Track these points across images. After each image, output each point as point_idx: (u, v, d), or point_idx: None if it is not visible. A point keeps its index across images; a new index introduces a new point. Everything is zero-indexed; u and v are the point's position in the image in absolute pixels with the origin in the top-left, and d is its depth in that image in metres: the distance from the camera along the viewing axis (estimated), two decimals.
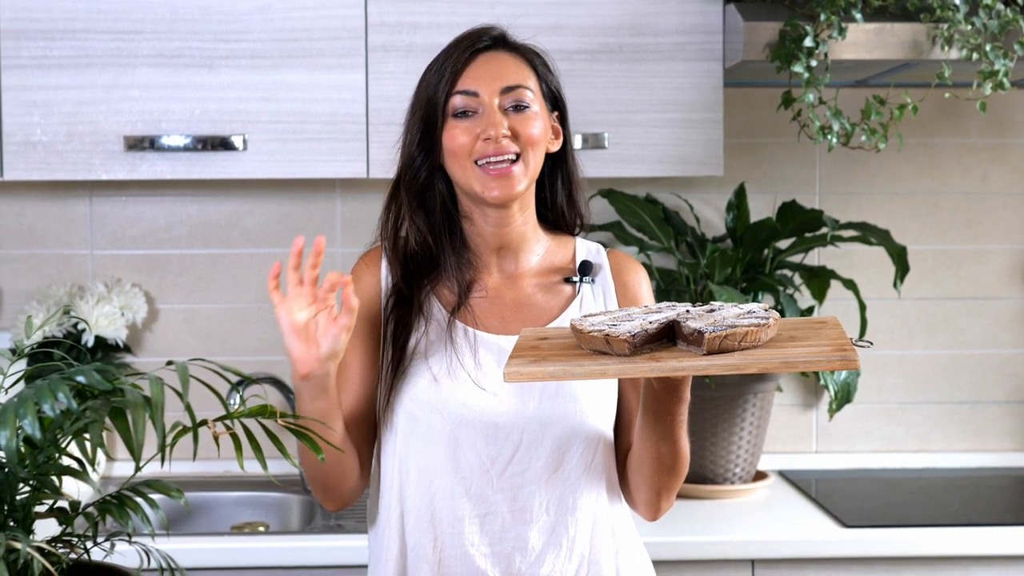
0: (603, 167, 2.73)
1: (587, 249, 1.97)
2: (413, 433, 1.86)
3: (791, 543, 2.54)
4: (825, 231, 2.90)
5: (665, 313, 1.63)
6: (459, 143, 1.84)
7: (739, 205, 3.01)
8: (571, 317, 1.79)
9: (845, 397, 2.87)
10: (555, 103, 1.93)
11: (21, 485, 1.27)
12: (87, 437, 1.20)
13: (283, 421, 1.33)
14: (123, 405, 1.20)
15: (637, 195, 3.00)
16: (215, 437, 1.28)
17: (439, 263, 1.90)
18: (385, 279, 1.92)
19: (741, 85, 3.07)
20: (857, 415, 3.16)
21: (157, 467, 1.44)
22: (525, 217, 1.90)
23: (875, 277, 3.12)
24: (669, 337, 1.60)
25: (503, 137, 1.82)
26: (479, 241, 1.91)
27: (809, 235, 2.92)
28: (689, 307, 1.65)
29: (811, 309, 2.97)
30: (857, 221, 2.96)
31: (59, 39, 2.65)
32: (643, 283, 1.96)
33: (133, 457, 1.15)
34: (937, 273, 3.16)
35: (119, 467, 3.02)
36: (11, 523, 1.26)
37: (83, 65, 2.66)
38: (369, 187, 2.96)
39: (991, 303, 3.17)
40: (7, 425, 1.15)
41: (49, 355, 2.66)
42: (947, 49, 2.61)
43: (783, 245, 2.99)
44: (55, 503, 1.31)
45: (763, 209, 3.09)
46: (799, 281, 3.04)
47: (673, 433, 1.78)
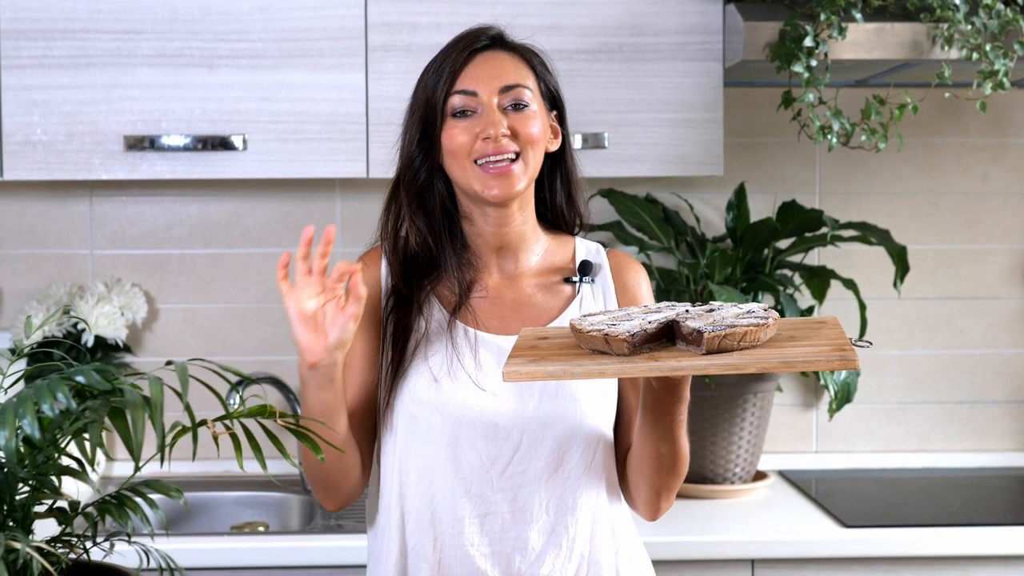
0: (603, 167, 2.73)
1: (587, 249, 1.97)
2: (413, 433, 1.85)
3: (791, 543, 2.54)
4: (825, 231, 2.90)
5: (664, 313, 1.63)
6: (458, 143, 1.84)
7: (739, 205, 3.01)
8: (571, 317, 1.79)
9: (845, 397, 2.87)
10: (553, 102, 1.93)
11: (20, 485, 1.27)
12: (86, 437, 1.20)
13: (282, 421, 1.33)
14: (122, 405, 1.20)
15: (637, 195, 3.00)
16: (214, 437, 1.28)
17: (439, 263, 1.90)
18: (385, 279, 1.92)
19: (741, 85, 3.07)
20: (857, 415, 3.16)
21: (157, 467, 1.44)
22: (524, 217, 1.90)
23: (875, 277, 3.12)
24: (668, 337, 1.60)
25: (502, 136, 1.82)
26: (479, 241, 1.91)
27: (809, 235, 2.92)
28: (688, 307, 1.65)
29: (811, 309, 2.97)
30: (857, 221, 2.96)
31: (59, 39, 2.65)
32: (643, 283, 1.96)
33: (132, 457, 1.15)
34: (937, 273, 3.16)
35: (119, 467, 3.02)
36: (10, 523, 1.26)
37: (83, 65, 2.66)
38: (369, 187, 2.96)
39: (991, 303, 3.17)
40: (6, 425, 1.15)
41: (49, 355, 2.65)
42: (947, 49, 2.61)
43: (783, 245, 2.99)
44: (54, 503, 1.31)
45: (763, 209, 3.09)
46: (799, 281, 3.04)
47: (673, 433, 1.78)
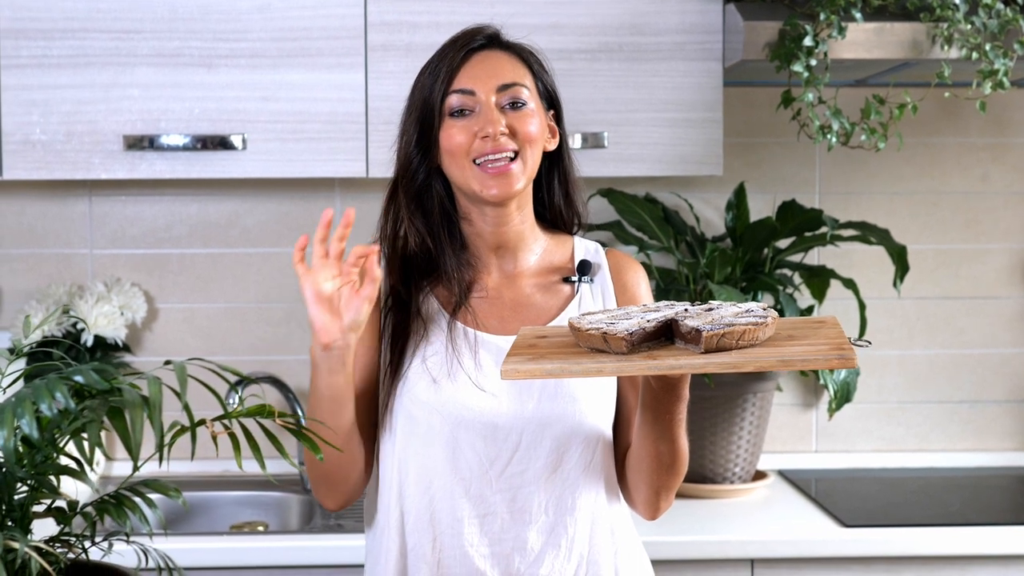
0: (603, 166, 2.73)
1: (586, 248, 1.97)
2: (413, 434, 1.85)
3: (790, 543, 2.54)
4: (825, 230, 2.90)
5: (663, 312, 1.63)
6: (456, 142, 1.84)
7: (739, 204, 3.01)
8: (570, 316, 1.79)
9: (845, 397, 2.87)
10: (551, 102, 1.93)
11: (19, 485, 1.27)
12: (85, 437, 1.20)
13: (281, 421, 1.32)
14: (121, 405, 1.20)
15: (637, 194, 3.00)
16: (213, 437, 1.28)
17: (438, 264, 1.90)
18: (384, 280, 1.91)
19: (741, 84, 3.07)
20: (857, 415, 3.15)
21: (156, 467, 1.43)
22: (523, 216, 1.90)
23: (875, 277, 3.12)
24: (667, 336, 1.60)
25: (501, 135, 1.82)
26: (478, 242, 1.91)
27: (809, 234, 2.92)
28: (687, 306, 1.65)
29: (811, 309, 2.97)
30: (857, 220, 2.96)
31: (58, 38, 2.65)
32: (642, 282, 1.96)
33: (131, 457, 1.15)
34: (937, 273, 3.16)
35: (118, 467, 3.02)
36: (9, 523, 1.26)
37: (82, 64, 2.65)
38: (368, 186, 2.96)
39: (991, 303, 3.17)
40: (5, 425, 1.15)
41: (48, 354, 2.65)
42: (947, 48, 2.61)
43: (783, 244, 2.99)
44: (53, 503, 1.31)
45: (763, 208, 3.09)
46: (799, 281, 3.04)
47: (672, 432, 1.78)
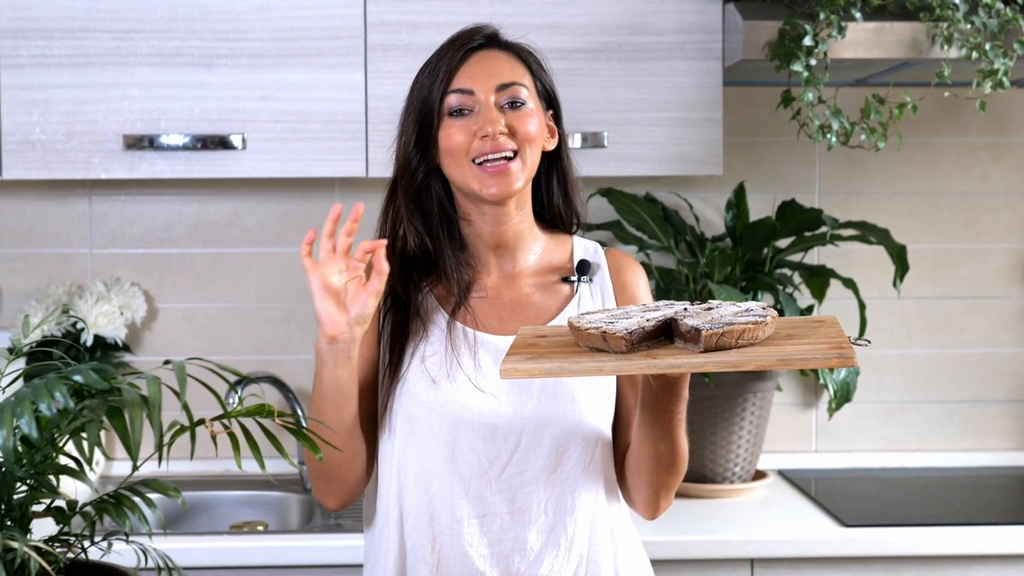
0: (602, 166, 2.73)
1: (585, 248, 1.97)
2: (412, 434, 1.85)
3: (790, 542, 2.53)
4: (824, 230, 2.90)
5: (662, 311, 1.63)
6: (456, 142, 1.84)
7: (738, 204, 3.01)
8: (569, 316, 1.79)
9: (845, 396, 2.87)
10: (550, 102, 1.93)
11: (18, 484, 1.27)
12: (84, 436, 1.20)
13: (281, 420, 1.32)
14: (120, 404, 1.20)
15: (636, 194, 3.00)
16: (212, 437, 1.28)
17: (437, 264, 1.90)
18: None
19: (740, 84, 3.07)
20: (857, 414, 3.15)
21: (156, 467, 1.43)
22: (522, 215, 1.90)
23: (875, 276, 3.12)
24: (667, 335, 1.60)
25: (500, 134, 1.82)
26: (477, 242, 1.91)
27: (808, 234, 2.91)
28: (687, 305, 1.65)
29: (811, 308, 2.97)
30: (856, 220, 2.96)
31: (58, 38, 2.65)
32: (641, 282, 1.96)
33: (130, 456, 1.15)
34: (937, 272, 3.16)
35: (118, 466, 3.02)
36: (8, 522, 1.26)
37: (82, 64, 2.65)
38: (368, 186, 2.96)
39: (991, 302, 3.17)
40: (4, 424, 1.15)
41: (48, 354, 2.65)
42: (947, 48, 2.61)
43: (782, 244, 2.99)
44: (52, 502, 1.31)
45: (762, 208, 3.09)
46: (799, 280, 3.04)
47: (671, 432, 1.78)
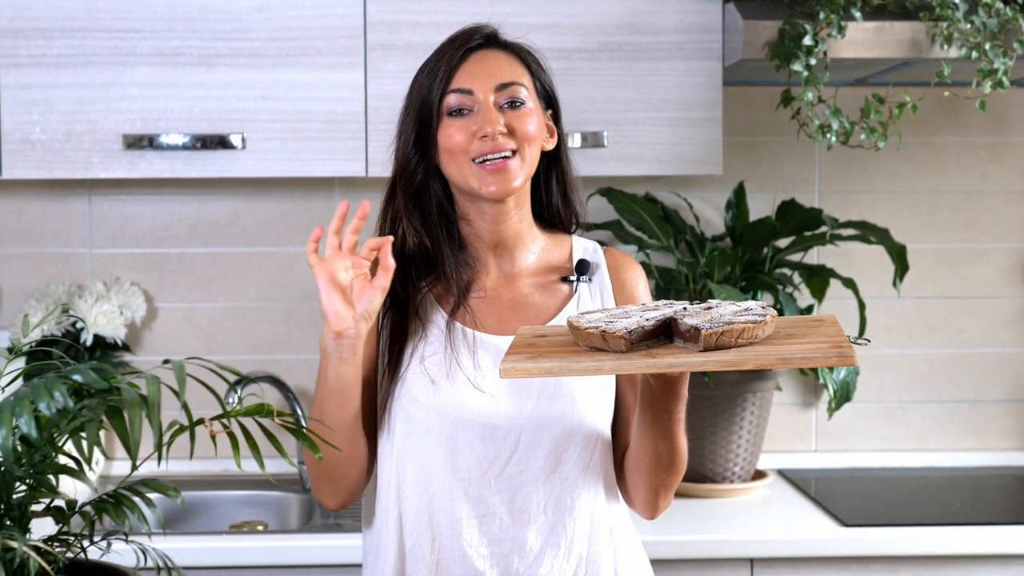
0: (602, 166, 2.73)
1: (584, 247, 1.97)
2: (411, 434, 1.85)
3: (790, 542, 2.53)
4: (824, 230, 2.89)
5: (662, 310, 1.63)
6: (455, 141, 1.84)
7: (738, 204, 3.01)
8: (568, 315, 1.79)
9: (844, 396, 2.86)
10: (549, 101, 1.93)
11: (18, 484, 1.26)
12: (84, 436, 1.20)
13: (280, 420, 1.32)
14: (120, 404, 1.20)
15: (636, 194, 3.00)
16: (212, 436, 1.28)
17: (436, 264, 1.90)
18: None
19: (740, 84, 3.07)
20: (856, 414, 3.15)
21: (156, 466, 1.43)
22: (521, 215, 1.90)
23: (874, 276, 3.11)
24: (666, 335, 1.60)
25: (499, 134, 1.82)
26: (476, 242, 1.91)
27: (808, 234, 2.91)
28: (686, 304, 1.65)
29: (810, 308, 2.97)
30: (856, 220, 2.96)
31: (58, 38, 2.65)
32: (640, 281, 1.96)
33: (130, 456, 1.15)
34: (936, 272, 3.16)
35: (117, 466, 3.02)
36: (8, 522, 1.26)
37: (82, 64, 2.65)
38: (368, 186, 2.95)
39: (990, 302, 3.17)
40: (4, 424, 1.15)
41: (48, 354, 2.65)
42: (946, 48, 2.61)
43: (782, 244, 2.99)
44: (52, 502, 1.31)
45: (762, 208, 3.09)
46: (798, 280, 3.04)
47: (671, 431, 1.78)
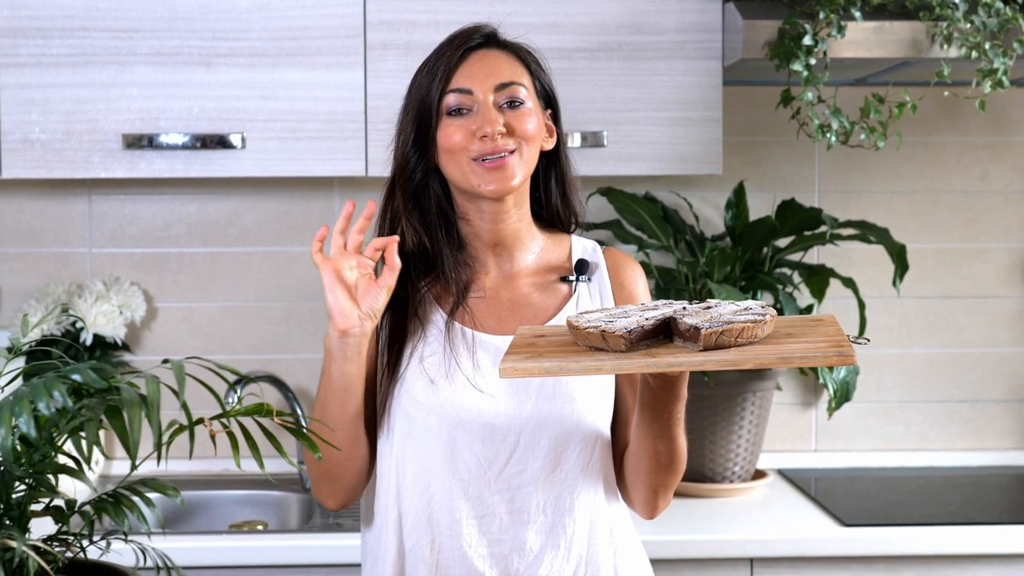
0: (602, 165, 2.73)
1: (583, 247, 1.97)
2: (410, 435, 1.85)
3: (790, 542, 2.53)
4: (824, 229, 2.89)
5: (661, 310, 1.63)
6: (455, 141, 1.84)
7: (738, 203, 3.01)
8: (568, 315, 1.78)
9: (844, 396, 2.86)
10: (548, 101, 1.93)
11: (17, 483, 1.26)
12: (83, 435, 1.20)
13: (280, 420, 1.32)
14: (119, 404, 1.20)
15: (636, 193, 3.00)
16: (211, 436, 1.28)
17: (435, 264, 1.90)
18: None
19: (740, 83, 3.07)
20: (856, 414, 3.15)
21: (156, 466, 1.43)
22: (520, 214, 1.90)
23: (874, 276, 3.11)
24: (666, 334, 1.60)
25: (499, 135, 1.82)
26: (475, 241, 1.91)
27: (808, 233, 2.91)
28: (686, 304, 1.65)
29: (810, 308, 2.97)
30: (856, 219, 2.96)
31: (57, 37, 2.65)
32: (639, 281, 1.96)
33: (129, 455, 1.15)
34: (936, 272, 3.16)
35: (117, 466, 3.02)
36: (7, 521, 1.26)
37: (81, 63, 2.65)
38: (368, 185, 2.96)
39: (990, 302, 3.17)
40: (3, 423, 1.15)
41: (48, 353, 2.65)
42: (946, 47, 2.61)
43: (782, 243, 2.99)
44: (51, 502, 1.31)
45: (762, 207, 3.08)
46: (798, 279, 3.04)
47: (670, 431, 1.78)
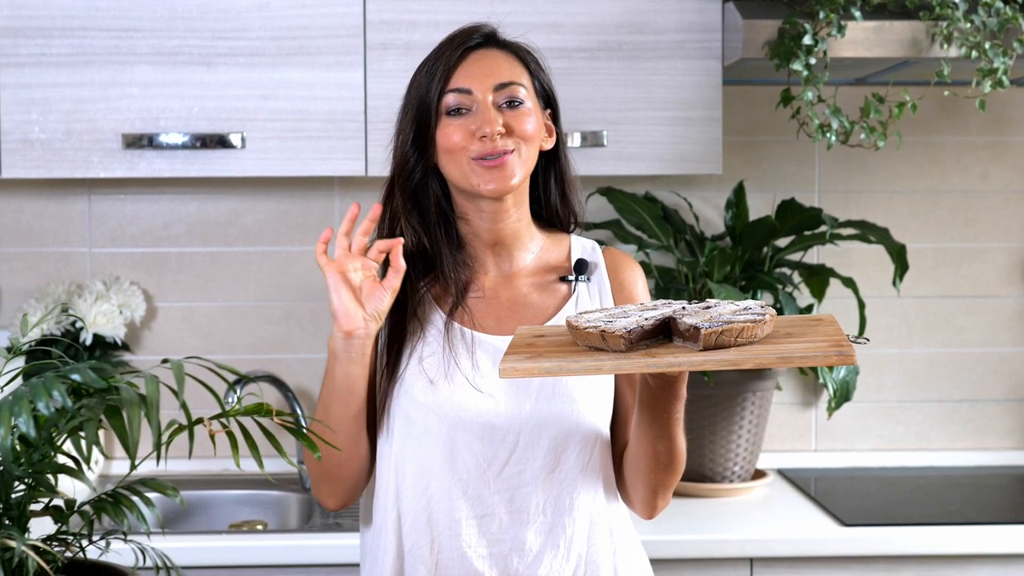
0: (602, 165, 2.72)
1: (582, 247, 1.97)
2: (409, 435, 1.85)
3: (790, 541, 2.53)
4: (824, 229, 2.89)
5: (661, 310, 1.63)
6: (454, 141, 1.83)
7: (738, 203, 3.01)
8: (567, 315, 1.78)
9: (844, 395, 2.86)
10: (548, 101, 1.92)
11: (16, 483, 1.26)
12: (83, 435, 1.20)
13: (279, 420, 1.32)
14: (119, 403, 1.20)
15: (636, 193, 3.00)
16: (211, 435, 1.28)
17: (434, 264, 1.89)
18: None
19: (740, 83, 3.07)
20: (856, 413, 3.15)
21: (155, 466, 1.42)
22: (520, 214, 1.90)
23: (874, 275, 3.11)
24: (665, 334, 1.60)
25: (498, 135, 1.82)
26: (475, 241, 1.90)
27: (808, 233, 2.91)
28: (685, 304, 1.65)
29: (810, 307, 2.96)
30: (856, 219, 2.96)
31: (57, 37, 2.65)
32: (639, 281, 1.96)
33: (128, 455, 1.15)
34: (936, 271, 3.16)
35: (116, 465, 3.02)
36: (6, 521, 1.26)
37: (81, 63, 2.65)
38: (367, 185, 2.95)
39: (990, 301, 3.17)
40: (2, 423, 1.15)
41: (47, 353, 2.65)
42: (946, 47, 2.61)
43: (782, 243, 2.99)
44: (50, 501, 1.31)
45: (762, 207, 3.08)
46: (798, 279, 3.04)
47: (669, 431, 1.78)
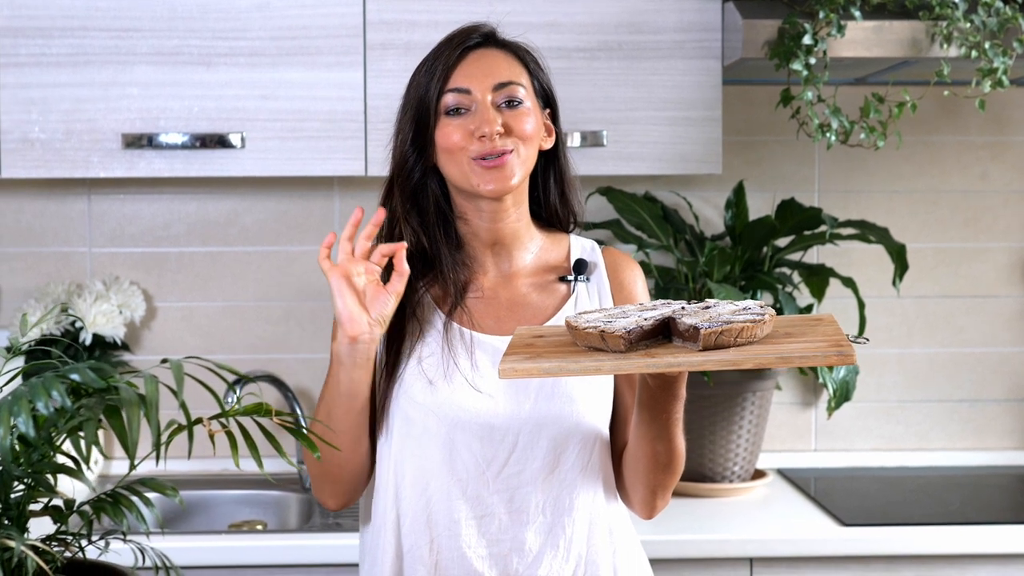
0: (602, 165, 2.72)
1: (582, 247, 1.97)
2: (409, 435, 1.85)
3: (789, 541, 2.53)
4: (824, 229, 2.89)
5: (660, 310, 1.63)
6: (453, 140, 1.83)
7: (738, 203, 3.01)
8: (566, 315, 1.78)
9: (844, 395, 2.86)
10: (547, 101, 1.92)
11: (16, 483, 1.26)
12: (82, 435, 1.20)
13: (279, 420, 1.32)
14: (118, 403, 1.20)
15: (636, 193, 3.00)
16: (210, 435, 1.28)
17: (433, 264, 1.89)
18: None
19: (740, 83, 3.07)
20: (856, 413, 3.15)
21: (155, 466, 1.42)
22: (519, 213, 1.90)
23: (874, 275, 3.11)
24: (665, 334, 1.60)
25: (497, 135, 1.82)
26: (474, 241, 1.90)
27: (808, 233, 2.91)
28: (684, 304, 1.65)
29: (810, 307, 2.96)
30: (856, 219, 2.96)
31: (57, 37, 2.65)
32: (638, 281, 1.96)
33: (128, 455, 1.15)
34: (936, 271, 3.16)
35: (116, 465, 3.02)
36: (6, 521, 1.26)
37: (81, 63, 2.65)
38: (367, 185, 2.95)
39: (990, 301, 3.17)
40: (2, 423, 1.15)
41: (47, 353, 2.65)
42: (946, 47, 2.61)
43: (782, 243, 2.99)
44: (50, 501, 1.31)
45: (762, 207, 3.08)
46: (798, 279, 3.04)
47: (669, 431, 1.78)
